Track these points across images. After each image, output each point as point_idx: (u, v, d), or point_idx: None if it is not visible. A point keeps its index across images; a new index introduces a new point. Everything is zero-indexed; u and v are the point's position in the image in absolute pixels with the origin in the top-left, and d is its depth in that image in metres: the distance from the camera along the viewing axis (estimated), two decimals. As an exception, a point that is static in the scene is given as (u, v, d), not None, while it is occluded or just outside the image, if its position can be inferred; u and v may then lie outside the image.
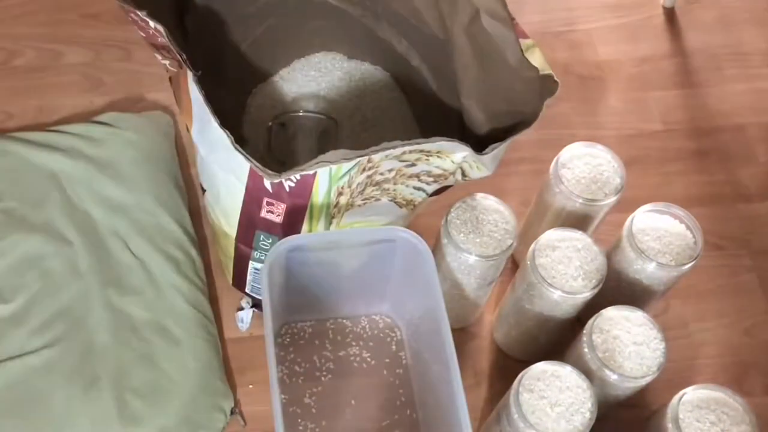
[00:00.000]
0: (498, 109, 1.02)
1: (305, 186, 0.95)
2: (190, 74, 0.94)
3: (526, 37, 1.01)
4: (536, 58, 1.00)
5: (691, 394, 1.01)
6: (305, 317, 1.19)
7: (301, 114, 1.25)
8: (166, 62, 1.01)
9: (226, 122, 0.93)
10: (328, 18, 1.24)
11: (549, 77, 0.99)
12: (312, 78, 1.29)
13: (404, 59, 1.22)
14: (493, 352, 1.23)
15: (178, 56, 0.93)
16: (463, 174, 0.99)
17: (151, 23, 0.91)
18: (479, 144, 0.97)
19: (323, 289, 1.13)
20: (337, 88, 1.28)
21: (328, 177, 0.94)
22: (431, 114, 1.21)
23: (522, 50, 1.00)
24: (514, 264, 1.27)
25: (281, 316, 1.16)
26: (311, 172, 0.93)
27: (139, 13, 0.91)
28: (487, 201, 1.10)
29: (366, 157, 0.92)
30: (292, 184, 0.95)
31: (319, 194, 0.96)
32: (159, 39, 0.93)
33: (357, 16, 1.22)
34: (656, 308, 1.20)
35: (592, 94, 1.50)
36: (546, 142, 1.20)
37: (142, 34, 0.96)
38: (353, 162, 0.92)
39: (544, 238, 1.07)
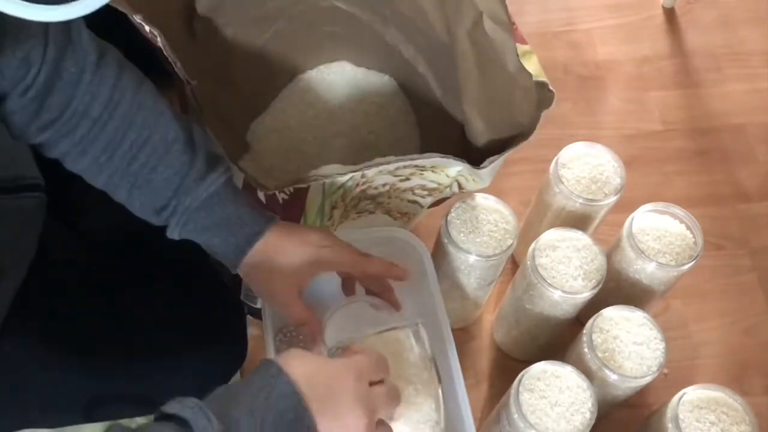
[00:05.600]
0: (497, 119, 1.02)
1: (298, 199, 0.95)
2: (185, 81, 0.94)
3: (524, 42, 1.01)
4: (532, 65, 1.00)
5: (691, 394, 1.01)
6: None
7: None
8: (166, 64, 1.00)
9: (232, 127, 0.92)
10: (337, 23, 1.23)
11: (545, 86, 0.98)
12: (320, 90, 1.29)
13: (411, 65, 1.21)
14: (493, 352, 1.24)
15: (172, 63, 0.93)
16: (460, 186, 0.99)
17: (146, 27, 0.91)
18: (478, 153, 0.97)
19: (322, 292, 1.12)
20: (346, 98, 1.28)
21: (321, 191, 0.94)
22: (436, 123, 1.21)
23: (518, 56, 1.00)
24: (514, 264, 1.27)
25: (279, 320, 1.15)
26: (304, 186, 0.92)
27: (135, 17, 0.90)
28: (487, 201, 1.10)
29: (359, 172, 0.91)
30: (286, 197, 0.95)
31: (313, 208, 0.96)
32: (157, 43, 0.93)
33: (366, 20, 1.22)
34: (656, 308, 1.20)
35: (592, 94, 1.50)
36: (546, 142, 1.19)
37: (144, 37, 0.95)
38: (347, 177, 0.92)
39: (544, 238, 1.07)
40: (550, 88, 0.98)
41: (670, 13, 1.62)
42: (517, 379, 0.98)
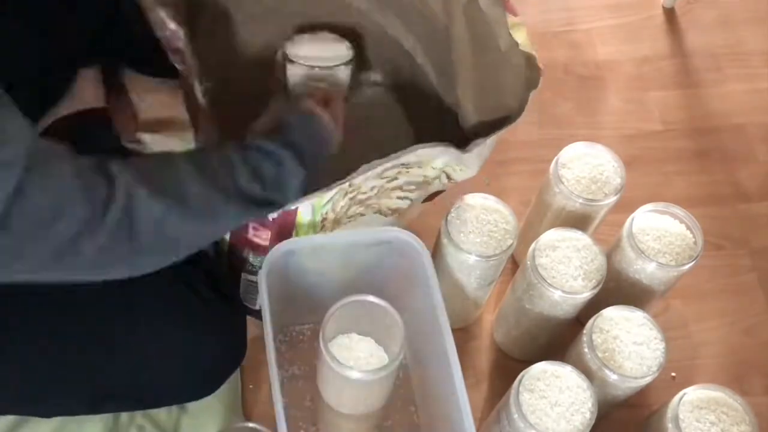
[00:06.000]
0: (486, 101, 1.02)
1: (289, 215, 0.95)
2: (195, 83, 0.94)
3: (515, 14, 1.00)
4: (520, 36, 0.99)
5: (691, 394, 1.01)
6: (304, 320, 1.19)
7: None
8: (177, 64, 0.99)
9: (231, 129, 0.93)
10: (337, 17, 1.23)
11: (533, 61, 0.97)
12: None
13: (410, 56, 1.21)
14: (493, 352, 1.23)
15: (188, 60, 0.92)
16: (448, 177, 0.99)
17: (171, 25, 0.90)
18: (469, 143, 0.97)
19: (321, 292, 1.12)
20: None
21: (311, 208, 0.94)
22: (431, 120, 1.20)
23: (509, 31, 0.99)
24: (514, 264, 1.27)
25: (279, 320, 1.16)
26: (292, 207, 0.93)
27: (160, 12, 0.89)
28: (487, 201, 1.10)
29: (346, 183, 0.92)
30: (275, 216, 0.95)
31: (304, 221, 0.96)
32: (177, 42, 0.92)
33: (364, 10, 1.21)
34: (656, 308, 1.20)
35: (592, 94, 1.50)
36: (546, 142, 1.20)
37: (159, 34, 0.95)
38: (334, 190, 0.92)
39: (544, 238, 1.07)
40: (538, 64, 0.97)
41: (670, 13, 1.62)
42: (517, 379, 0.98)
